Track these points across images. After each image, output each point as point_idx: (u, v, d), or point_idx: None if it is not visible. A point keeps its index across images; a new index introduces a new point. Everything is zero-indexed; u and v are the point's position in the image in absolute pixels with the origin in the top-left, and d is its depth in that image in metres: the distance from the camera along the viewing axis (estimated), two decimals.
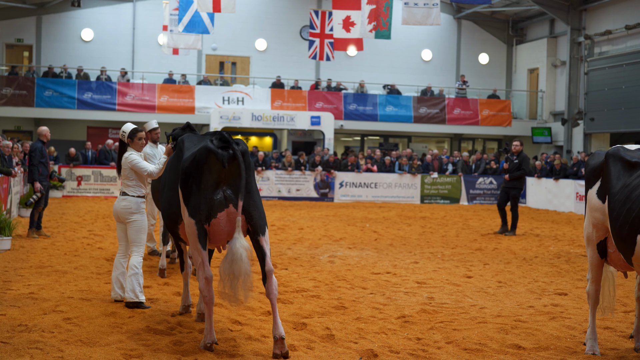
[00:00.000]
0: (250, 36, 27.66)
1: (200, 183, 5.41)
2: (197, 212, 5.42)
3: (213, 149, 5.35)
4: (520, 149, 14.54)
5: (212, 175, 5.41)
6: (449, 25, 29.07)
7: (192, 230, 5.48)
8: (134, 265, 6.98)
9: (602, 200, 5.59)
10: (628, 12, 23.29)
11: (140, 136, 7.12)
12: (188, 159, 5.46)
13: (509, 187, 14.46)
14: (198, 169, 5.40)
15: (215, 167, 5.39)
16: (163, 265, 8.90)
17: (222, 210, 5.44)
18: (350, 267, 9.78)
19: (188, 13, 16.25)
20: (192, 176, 5.43)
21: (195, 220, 5.43)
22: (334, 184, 22.53)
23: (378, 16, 15.73)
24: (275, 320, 5.39)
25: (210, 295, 5.49)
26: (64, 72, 24.65)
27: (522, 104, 28.76)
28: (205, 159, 5.38)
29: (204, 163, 5.39)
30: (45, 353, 5.23)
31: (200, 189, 5.41)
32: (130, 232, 7.07)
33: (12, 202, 13.68)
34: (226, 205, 5.43)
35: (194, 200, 5.43)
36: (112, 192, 21.22)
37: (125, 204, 7.02)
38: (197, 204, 5.42)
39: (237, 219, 5.38)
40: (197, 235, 5.45)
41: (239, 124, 24.00)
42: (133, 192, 7.04)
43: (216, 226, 5.47)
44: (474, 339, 5.98)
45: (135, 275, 6.93)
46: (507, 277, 9.28)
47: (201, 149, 5.40)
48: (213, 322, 5.59)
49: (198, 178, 5.42)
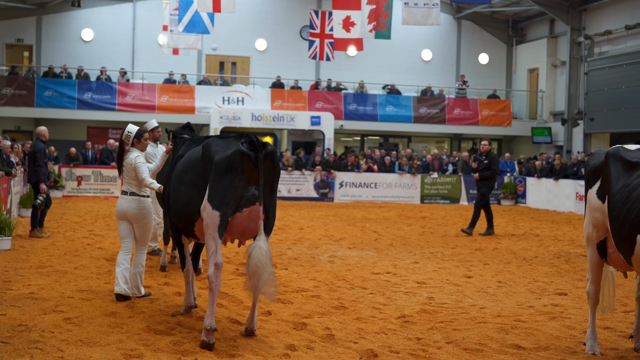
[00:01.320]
0: (250, 36, 27.67)
1: (232, 182, 5.75)
2: (223, 205, 5.74)
3: (246, 152, 5.72)
4: (488, 148, 14.28)
5: (244, 175, 5.77)
6: (449, 25, 29.07)
7: (214, 222, 5.75)
8: (139, 263, 7.28)
9: (602, 200, 5.59)
10: (628, 12, 23.29)
11: (146, 137, 7.34)
12: (223, 161, 5.76)
13: (480, 186, 14.28)
14: (232, 169, 5.75)
15: (248, 168, 5.75)
16: (164, 262, 9.11)
17: (249, 207, 5.81)
18: (350, 267, 9.78)
19: (188, 13, 16.25)
20: (225, 176, 5.75)
21: (221, 212, 5.73)
22: (334, 184, 22.53)
23: (378, 16, 15.73)
24: (253, 314, 5.92)
25: (217, 282, 5.74)
26: (64, 72, 24.65)
27: (522, 104, 28.77)
28: (240, 161, 5.73)
29: (238, 165, 5.74)
30: (45, 353, 5.23)
31: (232, 186, 5.75)
32: (140, 231, 7.28)
33: (12, 202, 13.68)
34: (253, 203, 5.81)
35: (223, 195, 5.74)
36: (112, 192, 21.22)
37: (138, 205, 7.21)
38: (227, 199, 5.74)
39: (259, 222, 5.80)
40: (218, 226, 5.75)
41: (239, 124, 24.00)
42: (143, 192, 7.26)
43: (238, 219, 5.82)
44: (474, 339, 5.98)
45: (140, 272, 7.28)
46: (507, 277, 9.29)
47: (235, 152, 5.74)
48: (215, 308, 5.76)
49: (231, 178, 5.75)
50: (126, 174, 7.22)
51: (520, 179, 23.37)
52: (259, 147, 5.73)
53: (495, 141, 29.70)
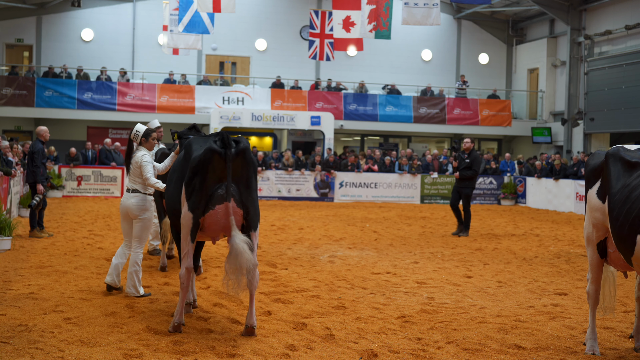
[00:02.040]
0: (250, 36, 27.67)
1: (204, 181, 5.85)
2: (196, 207, 5.87)
3: (217, 149, 5.80)
4: (470, 146, 14.00)
5: (215, 173, 5.85)
6: (449, 25, 29.07)
7: (187, 223, 5.94)
8: (135, 262, 7.31)
9: (602, 200, 5.59)
10: (628, 12, 23.29)
11: (154, 136, 7.52)
12: (195, 159, 5.90)
13: (461, 186, 13.95)
14: (203, 168, 5.84)
15: (219, 166, 5.82)
16: (164, 262, 9.17)
17: (222, 204, 5.85)
18: (350, 267, 9.78)
19: (188, 13, 16.24)
20: (197, 175, 5.88)
21: (194, 214, 5.89)
22: (334, 184, 22.53)
23: (378, 16, 15.72)
24: (251, 310, 5.95)
25: (187, 282, 6.02)
26: (64, 72, 24.66)
27: (522, 104, 28.77)
28: (210, 159, 5.82)
29: (209, 163, 5.83)
30: (45, 353, 5.23)
31: (203, 186, 5.85)
32: (137, 228, 7.36)
33: (12, 202, 13.68)
34: (227, 199, 5.83)
35: (196, 196, 5.87)
36: (112, 192, 21.22)
37: (136, 201, 7.34)
38: (198, 200, 5.87)
39: (230, 218, 5.81)
40: (191, 228, 5.92)
41: (239, 124, 24.01)
42: (144, 190, 7.39)
43: (213, 217, 5.90)
44: (474, 339, 5.98)
45: (136, 271, 7.33)
46: (507, 277, 9.29)
47: (206, 150, 5.84)
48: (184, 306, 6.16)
49: (202, 177, 5.86)
50: (132, 172, 7.41)
51: (520, 179, 23.37)
52: (228, 145, 5.79)
53: (495, 141, 29.71)
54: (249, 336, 5.89)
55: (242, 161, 5.90)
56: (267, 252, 10.99)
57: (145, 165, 7.25)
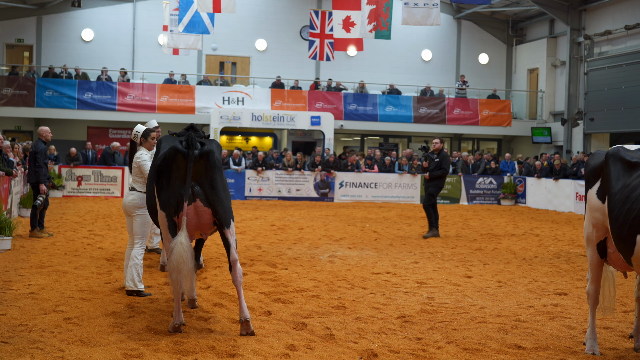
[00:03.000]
0: (250, 36, 27.67)
1: (169, 179, 6.02)
2: (167, 205, 6.04)
3: (180, 149, 5.93)
4: (440, 147, 13.92)
5: (179, 172, 5.97)
6: (449, 25, 29.07)
7: (163, 222, 6.11)
8: (134, 256, 7.48)
9: (602, 201, 5.59)
10: (628, 12, 23.30)
11: (153, 136, 7.70)
12: (160, 158, 6.10)
13: (429, 185, 13.89)
14: (167, 167, 6.01)
15: (183, 165, 5.94)
16: (164, 261, 9.12)
17: (190, 204, 6.01)
18: (350, 267, 9.78)
19: (188, 13, 16.25)
20: (163, 173, 6.05)
21: (166, 212, 6.04)
22: (334, 184, 22.54)
23: (378, 16, 15.73)
24: (241, 305, 6.01)
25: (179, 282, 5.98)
26: (64, 72, 24.66)
27: (522, 104, 28.77)
28: (174, 158, 5.97)
29: (172, 161, 5.98)
30: (45, 353, 5.23)
31: (169, 184, 6.02)
32: (135, 224, 7.55)
33: (13, 202, 13.68)
34: (193, 200, 6.01)
35: (164, 194, 6.05)
36: (112, 192, 21.23)
37: (132, 198, 7.54)
38: (167, 198, 6.03)
39: (182, 217, 5.94)
40: (168, 226, 6.07)
41: (239, 124, 24.02)
42: (140, 188, 7.57)
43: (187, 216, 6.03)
44: (474, 339, 5.98)
45: (135, 265, 7.44)
46: (507, 277, 9.29)
47: (170, 149, 5.99)
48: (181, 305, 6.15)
49: (167, 175, 6.03)
50: (133, 171, 7.69)
51: (520, 179, 23.37)
52: (192, 146, 5.92)
53: (495, 141, 29.72)
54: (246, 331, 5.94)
55: (206, 163, 6.01)
56: (267, 252, 11.00)
57: (144, 164, 7.47)
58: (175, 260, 5.83)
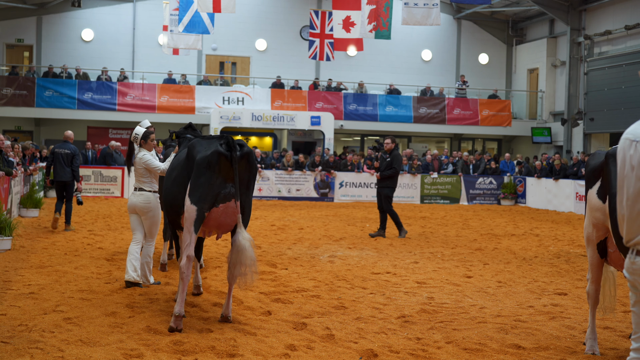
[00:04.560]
0: (250, 36, 27.67)
1: (210, 179, 6.21)
2: (201, 201, 6.20)
3: (223, 152, 6.17)
4: (391, 146, 13.71)
5: (221, 174, 6.22)
6: (449, 25, 29.07)
7: (192, 216, 6.24)
8: (147, 254, 7.95)
9: (602, 200, 5.59)
10: (628, 12, 23.30)
11: (152, 138, 7.97)
12: (204, 159, 6.23)
13: (382, 186, 13.66)
14: (210, 168, 6.21)
15: (225, 167, 6.19)
16: (164, 260, 9.24)
17: (225, 203, 6.25)
18: (350, 267, 9.78)
19: (188, 13, 16.26)
20: (204, 174, 6.24)
21: (198, 207, 6.20)
22: (334, 184, 22.54)
23: (378, 16, 15.73)
24: (228, 302, 6.41)
25: (187, 272, 6.21)
26: (64, 72, 24.66)
27: (522, 104, 28.77)
28: (217, 161, 6.18)
29: (216, 164, 6.19)
30: (45, 353, 5.23)
31: (209, 183, 6.20)
32: (146, 224, 7.94)
33: (13, 202, 13.68)
34: (229, 199, 6.25)
35: (202, 191, 6.20)
36: (112, 192, 21.23)
37: (144, 199, 7.86)
38: (204, 195, 6.20)
39: (237, 215, 6.23)
40: (195, 220, 6.23)
41: (239, 124, 24.02)
42: (149, 188, 7.93)
43: (215, 214, 6.28)
44: (473, 339, 5.98)
45: (147, 263, 7.97)
46: (507, 277, 9.29)
47: (213, 152, 6.20)
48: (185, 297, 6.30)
49: (209, 176, 6.21)
50: (135, 172, 7.93)
51: (520, 179, 23.37)
52: (234, 148, 6.17)
53: (495, 141, 29.72)
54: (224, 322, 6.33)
55: (246, 164, 6.28)
56: (267, 252, 11.00)
57: (150, 161, 7.78)
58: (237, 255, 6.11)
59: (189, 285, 7.75)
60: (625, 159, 3.65)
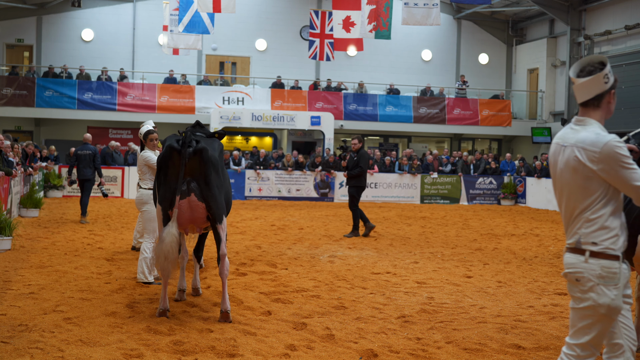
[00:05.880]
0: (250, 36, 27.68)
1: (166, 176, 6.38)
2: (163, 199, 6.40)
3: (175, 146, 6.27)
4: (359, 146, 13.69)
5: (175, 169, 6.31)
6: (449, 25, 29.08)
7: (159, 215, 6.52)
8: (144, 249, 8.01)
9: None
10: (628, 12, 23.30)
11: (152, 137, 8.25)
12: (160, 156, 6.49)
13: (349, 185, 13.70)
14: (165, 164, 6.38)
15: (178, 162, 6.28)
16: None
17: (184, 198, 6.35)
18: (350, 267, 9.78)
19: (188, 13, 16.26)
20: (161, 169, 6.44)
21: (162, 206, 6.42)
22: (334, 184, 22.54)
23: (378, 16, 15.74)
24: (224, 296, 6.43)
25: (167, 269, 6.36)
26: (64, 72, 24.66)
27: (522, 104, 28.78)
28: (170, 155, 6.32)
29: (169, 159, 6.33)
30: (45, 353, 5.23)
31: (166, 180, 6.37)
32: (142, 220, 8.23)
33: (13, 202, 13.68)
34: (188, 194, 6.35)
35: (162, 190, 6.43)
36: (112, 192, 21.22)
37: (137, 195, 8.24)
38: (164, 193, 6.40)
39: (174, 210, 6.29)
40: (162, 219, 6.46)
41: (239, 124, 24.02)
42: (145, 185, 8.19)
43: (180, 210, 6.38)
44: (473, 339, 5.98)
45: (145, 258, 7.95)
46: (507, 277, 9.29)
47: (166, 148, 6.34)
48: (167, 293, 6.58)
49: (165, 171, 6.40)
50: (138, 169, 8.36)
51: (520, 179, 23.37)
52: (186, 144, 6.26)
53: (495, 141, 29.72)
54: (224, 321, 6.32)
55: (199, 160, 6.31)
56: (267, 252, 11.00)
57: (150, 158, 8.07)
58: (165, 248, 6.18)
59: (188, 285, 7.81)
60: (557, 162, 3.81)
